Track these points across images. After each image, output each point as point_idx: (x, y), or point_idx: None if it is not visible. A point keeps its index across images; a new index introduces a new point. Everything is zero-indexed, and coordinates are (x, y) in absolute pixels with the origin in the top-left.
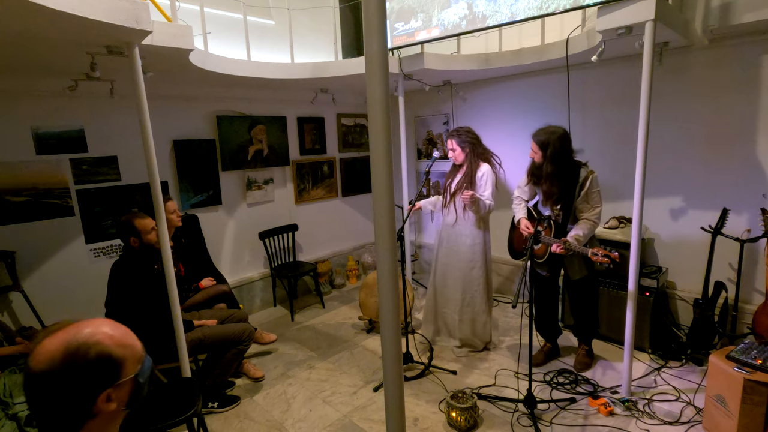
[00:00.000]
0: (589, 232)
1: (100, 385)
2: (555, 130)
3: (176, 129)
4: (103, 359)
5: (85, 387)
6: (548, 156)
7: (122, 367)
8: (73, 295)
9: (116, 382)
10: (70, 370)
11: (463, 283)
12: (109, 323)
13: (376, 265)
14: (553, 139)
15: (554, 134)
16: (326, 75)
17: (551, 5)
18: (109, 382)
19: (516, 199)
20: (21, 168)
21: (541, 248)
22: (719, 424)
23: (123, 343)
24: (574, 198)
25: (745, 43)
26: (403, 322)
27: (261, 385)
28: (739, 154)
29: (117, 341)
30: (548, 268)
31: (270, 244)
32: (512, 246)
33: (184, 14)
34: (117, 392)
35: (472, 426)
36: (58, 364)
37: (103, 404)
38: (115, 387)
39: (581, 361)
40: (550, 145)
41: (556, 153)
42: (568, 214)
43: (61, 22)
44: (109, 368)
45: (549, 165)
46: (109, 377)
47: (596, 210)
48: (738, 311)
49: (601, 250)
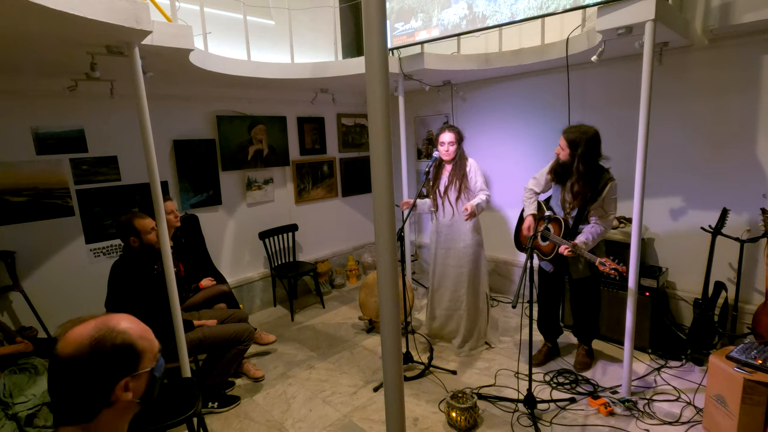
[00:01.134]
0: (598, 237)
1: (121, 372)
2: (587, 130)
3: (176, 129)
4: (126, 347)
5: (107, 372)
6: (578, 155)
7: (141, 358)
8: (73, 295)
9: (135, 372)
10: (96, 354)
11: (464, 280)
12: (132, 318)
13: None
14: (585, 139)
15: (586, 134)
16: (326, 75)
17: (551, 5)
18: (129, 370)
19: (528, 192)
20: (21, 168)
21: (549, 246)
22: (719, 424)
23: (145, 336)
24: (590, 201)
25: (745, 43)
26: (403, 322)
27: (261, 385)
28: (739, 154)
29: (140, 334)
30: (554, 264)
31: (270, 244)
32: (518, 238)
33: (184, 14)
34: (135, 382)
35: (472, 426)
36: (87, 348)
37: (120, 392)
38: (133, 377)
39: (581, 361)
40: (580, 145)
41: (584, 154)
42: (581, 216)
43: (61, 22)
44: (131, 357)
45: (580, 165)
46: (129, 365)
47: (610, 217)
48: (738, 311)
49: (609, 261)
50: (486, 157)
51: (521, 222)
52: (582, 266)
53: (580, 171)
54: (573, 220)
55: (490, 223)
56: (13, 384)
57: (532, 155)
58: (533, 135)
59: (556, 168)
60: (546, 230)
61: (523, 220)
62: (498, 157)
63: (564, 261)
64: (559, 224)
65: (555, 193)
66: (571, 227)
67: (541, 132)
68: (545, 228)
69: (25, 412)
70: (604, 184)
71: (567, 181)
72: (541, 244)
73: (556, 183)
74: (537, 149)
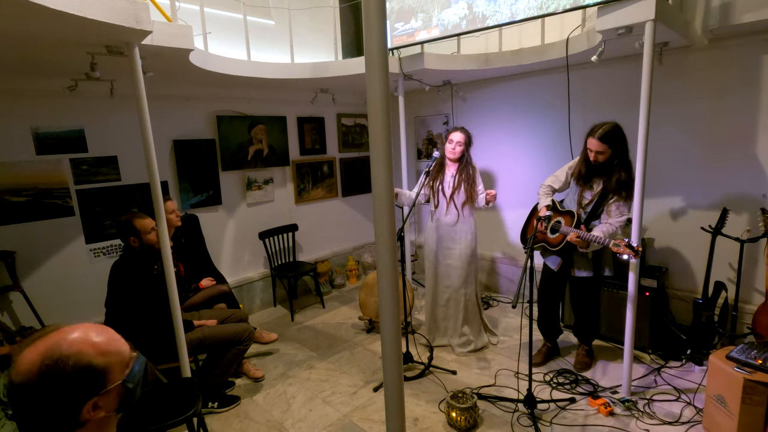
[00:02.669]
0: (609, 238)
1: (83, 395)
2: (613, 124)
3: (176, 129)
4: (82, 370)
5: (66, 398)
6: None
7: (107, 374)
8: (73, 295)
9: (101, 391)
10: (48, 383)
11: (464, 281)
12: (93, 329)
13: (376, 265)
14: (618, 131)
15: (615, 127)
16: (326, 75)
17: (551, 5)
18: (94, 391)
19: (545, 187)
20: (21, 168)
21: (558, 237)
22: (719, 424)
23: (106, 351)
24: (607, 199)
25: (745, 43)
26: (403, 322)
27: (261, 385)
28: (739, 154)
29: (99, 349)
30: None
31: (270, 244)
32: (526, 233)
33: (184, 14)
34: (104, 399)
35: (472, 426)
36: (35, 377)
37: (89, 413)
38: (101, 395)
39: (581, 361)
40: (618, 140)
41: (624, 146)
42: (594, 212)
43: (61, 22)
44: (91, 378)
45: (627, 156)
46: (92, 387)
47: (624, 217)
48: (738, 311)
49: (623, 241)
50: (486, 157)
51: (530, 218)
52: (586, 263)
53: (622, 162)
54: (586, 215)
55: (489, 223)
56: None
57: (532, 155)
58: (533, 135)
59: (585, 172)
60: (557, 222)
61: (533, 214)
62: (498, 157)
63: (570, 254)
64: (572, 217)
65: (572, 190)
66: (583, 221)
67: (541, 132)
68: (556, 221)
69: None
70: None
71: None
72: (549, 236)
73: (577, 183)
74: (537, 149)
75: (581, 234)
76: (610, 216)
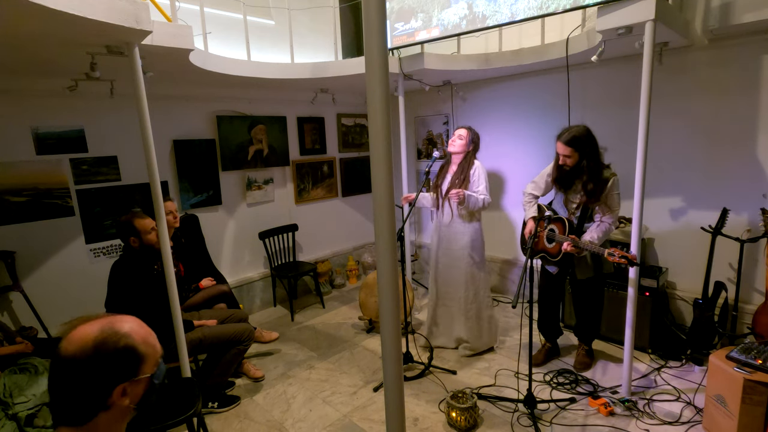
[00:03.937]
0: (603, 235)
1: (120, 376)
2: (579, 128)
3: (176, 129)
4: (129, 351)
5: (106, 375)
6: (586, 154)
7: (142, 363)
8: (73, 295)
9: (134, 377)
10: (97, 356)
11: (466, 282)
12: (138, 321)
13: (376, 265)
14: (584, 137)
15: (582, 132)
16: (326, 75)
17: (551, 5)
18: (128, 375)
19: (527, 196)
20: (21, 168)
21: (555, 247)
22: (719, 424)
23: (148, 342)
24: (594, 199)
25: (745, 43)
26: (403, 322)
27: (261, 385)
28: (739, 154)
29: (144, 338)
30: (561, 266)
31: (270, 244)
32: (524, 242)
33: (184, 14)
34: (132, 387)
35: (472, 426)
36: (89, 349)
37: (117, 397)
38: (132, 382)
39: (581, 361)
40: (585, 144)
41: (591, 151)
42: (585, 215)
43: (61, 22)
44: (132, 361)
45: (591, 162)
46: (129, 370)
47: (614, 213)
48: (738, 311)
49: (618, 251)
50: (486, 157)
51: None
52: (586, 266)
53: (591, 168)
54: (577, 220)
55: (490, 223)
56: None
57: (533, 155)
58: (533, 135)
59: (558, 176)
60: (551, 231)
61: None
62: (498, 157)
63: (571, 263)
64: (563, 224)
65: (557, 195)
66: (575, 226)
67: (541, 132)
68: (550, 230)
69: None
70: (606, 179)
71: (572, 183)
72: (547, 246)
73: (558, 190)
74: (537, 149)
75: (576, 242)
76: (600, 214)
